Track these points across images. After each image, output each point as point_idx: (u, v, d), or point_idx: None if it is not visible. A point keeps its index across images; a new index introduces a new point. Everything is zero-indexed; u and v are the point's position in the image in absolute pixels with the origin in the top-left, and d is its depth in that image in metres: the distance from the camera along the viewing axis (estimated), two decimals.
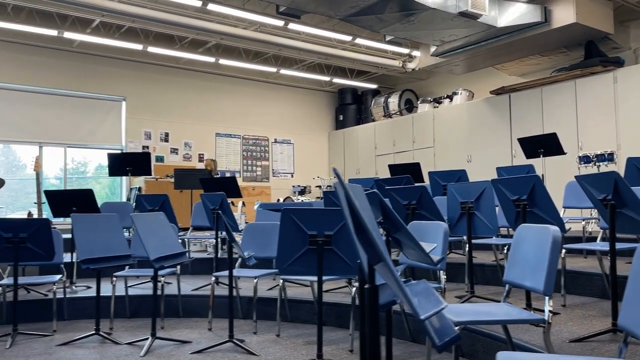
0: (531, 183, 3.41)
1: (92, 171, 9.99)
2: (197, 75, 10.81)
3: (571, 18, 6.91)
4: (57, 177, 9.54)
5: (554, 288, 4.03)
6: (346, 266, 3.11)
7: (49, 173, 9.48)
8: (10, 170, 9.22)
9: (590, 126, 7.49)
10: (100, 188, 10.12)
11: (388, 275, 1.09)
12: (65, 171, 9.59)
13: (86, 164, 9.94)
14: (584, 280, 4.14)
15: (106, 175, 9.84)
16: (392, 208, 2.47)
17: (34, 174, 5.96)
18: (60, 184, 9.54)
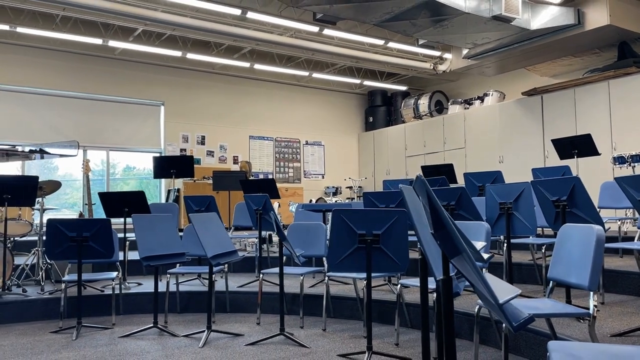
0: (571, 184, 3.55)
1: (120, 173, 10.33)
2: (232, 80, 11.12)
3: (605, 20, 6.96)
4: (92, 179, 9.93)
5: None
6: (393, 264, 3.30)
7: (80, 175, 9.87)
8: (42, 172, 9.62)
9: (624, 127, 7.51)
10: (128, 189, 10.44)
11: (466, 267, 1.28)
12: (108, 174, 9.99)
13: (115, 166, 10.27)
14: (621, 278, 4.24)
15: (134, 176, 10.21)
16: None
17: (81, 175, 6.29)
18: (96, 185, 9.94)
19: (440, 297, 1.43)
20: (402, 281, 3.58)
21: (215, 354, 3.54)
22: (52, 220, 4.20)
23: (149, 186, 10.54)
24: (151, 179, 10.23)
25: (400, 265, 3.28)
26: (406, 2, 6.24)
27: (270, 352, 3.56)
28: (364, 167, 12.27)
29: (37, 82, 9.17)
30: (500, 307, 1.19)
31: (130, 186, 10.43)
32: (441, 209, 1.26)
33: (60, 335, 4.18)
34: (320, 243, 4.68)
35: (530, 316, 1.23)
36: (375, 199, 4.96)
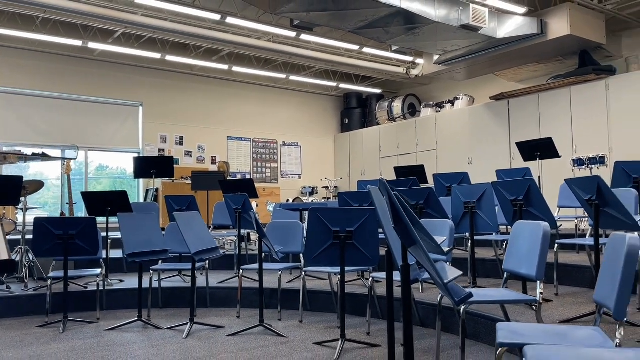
0: (527, 185, 3.89)
1: (92, 172, 10.37)
2: (210, 82, 11.29)
3: (566, 30, 7.39)
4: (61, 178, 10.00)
5: (548, 279, 4.52)
6: (365, 258, 3.58)
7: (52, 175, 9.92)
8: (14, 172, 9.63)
9: (583, 131, 7.97)
10: (102, 188, 10.48)
11: (420, 254, 1.56)
12: (87, 173, 10.07)
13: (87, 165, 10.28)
14: (575, 272, 4.62)
15: (107, 176, 10.31)
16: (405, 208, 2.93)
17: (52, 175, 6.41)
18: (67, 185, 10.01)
19: (402, 283, 1.71)
20: (373, 274, 3.87)
21: (198, 344, 3.78)
22: (39, 219, 4.36)
23: (122, 185, 10.63)
24: (125, 178, 10.35)
25: (372, 260, 3.57)
26: (379, 11, 6.55)
27: (251, 341, 3.81)
28: (340, 168, 12.58)
29: (16, 82, 9.21)
30: (445, 285, 1.46)
31: (103, 185, 10.50)
32: (398, 206, 1.53)
33: (47, 329, 4.35)
34: (297, 240, 4.94)
35: (469, 293, 1.51)
36: (349, 199, 5.24)
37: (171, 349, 3.63)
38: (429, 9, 6.68)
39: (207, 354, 3.49)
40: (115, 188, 10.65)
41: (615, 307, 1.94)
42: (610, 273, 2.12)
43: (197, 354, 3.49)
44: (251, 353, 3.50)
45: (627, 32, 8.43)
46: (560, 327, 2.27)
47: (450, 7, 6.88)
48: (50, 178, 9.81)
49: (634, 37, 8.37)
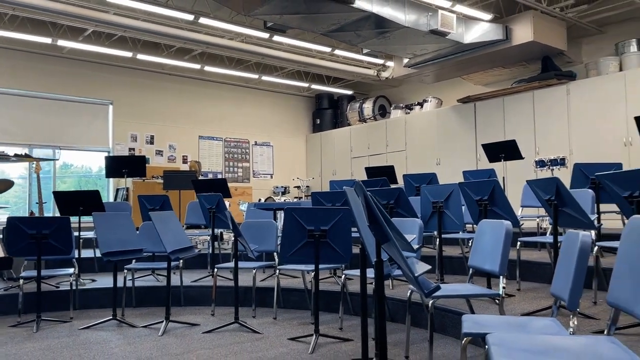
0: (491, 186, 4.09)
1: (57, 170, 10.22)
2: (182, 81, 11.26)
3: (529, 36, 7.69)
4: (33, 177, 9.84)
5: (512, 275, 4.75)
6: (338, 256, 3.71)
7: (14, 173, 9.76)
8: None
9: (545, 133, 8.31)
10: (66, 187, 10.32)
11: (393, 250, 1.70)
12: (55, 172, 9.92)
13: (51, 164, 10.13)
14: (536, 268, 4.86)
15: (71, 175, 10.19)
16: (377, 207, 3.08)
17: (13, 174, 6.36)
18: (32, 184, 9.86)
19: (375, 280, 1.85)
20: (346, 272, 4.01)
21: (174, 341, 3.84)
22: (12, 218, 4.35)
23: (88, 184, 10.50)
24: (90, 176, 10.24)
25: (345, 257, 3.71)
26: (351, 15, 6.70)
27: (226, 338, 3.90)
28: (311, 168, 12.71)
29: None
30: (415, 278, 1.60)
31: (67, 184, 10.35)
32: (373, 205, 1.66)
33: (20, 328, 4.34)
34: (271, 239, 5.05)
35: (437, 285, 1.65)
36: (322, 198, 5.37)
37: (148, 347, 3.69)
38: (399, 14, 6.87)
39: (184, 351, 3.57)
40: (80, 187, 10.50)
41: (569, 298, 2.12)
42: (565, 268, 2.31)
43: (174, 351, 3.56)
44: (228, 349, 3.59)
45: (586, 39, 8.81)
46: (521, 319, 2.45)
47: (420, 12, 7.09)
48: (11, 176, 9.64)
49: (593, 44, 8.76)
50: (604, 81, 7.72)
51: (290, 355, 3.41)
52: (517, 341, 1.79)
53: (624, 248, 1.82)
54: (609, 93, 7.64)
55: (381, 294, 1.86)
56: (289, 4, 6.36)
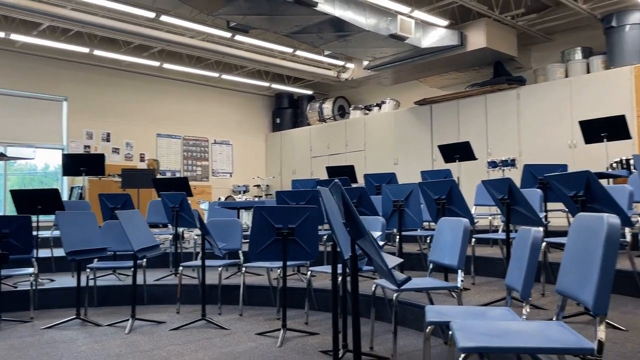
0: (449, 186, 4.32)
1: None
2: (140, 78, 11.10)
3: (483, 43, 8.05)
4: None
5: (467, 270, 5.01)
6: (305, 253, 3.85)
7: None
8: None
9: (497, 135, 8.71)
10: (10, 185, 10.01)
11: (367, 245, 1.85)
12: (6, 170, 9.60)
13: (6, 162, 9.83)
14: (489, 263, 5.14)
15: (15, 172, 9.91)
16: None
17: None
18: None
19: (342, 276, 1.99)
20: (312, 268, 4.14)
21: (142, 338, 3.88)
22: None
23: (32, 182, 10.21)
24: (35, 174, 9.98)
25: (311, 254, 3.84)
26: (314, 18, 6.84)
27: (194, 334, 3.97)
28: (271, 167, 12.78)
29: None
30: (389, 270, 1.75)
31: (11, 182, 10.03)
32: (350, 204, 1.80)
33: None
34: (236, 237, 5.12)
35: (407, 276, 1.81)
36: (286, 197, 5.49)
37: (116, 344, 3.71)
38: (361, 17, 7.06)
39: (153, 347, 3.61)
40: (24, 185, 10.20)
41: (522, 289, 2.33)
42: (518, 261, 2.52)
43: (144, 348, 3.61)
44: (197, 344, 3.66)
45: (535, 46, 9.29)
46: (478, 309, 2.65)
47: (380, 17, 7.31)
48: None
49: (542, 51, 9.24)
50: (551, 87, 8.18)
51: (260, 349, 3.52)
52: (477, 327, 1.97)
53: (571, 242, 2.03)
54: (556, 98, 8.10)
55: (355, 287, 2.01)
56: (252, 5, 6.44)
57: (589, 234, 1.86)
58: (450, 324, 2.02)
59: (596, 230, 1.79)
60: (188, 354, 3.43)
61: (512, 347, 1.73)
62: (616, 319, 3.14)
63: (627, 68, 7.48)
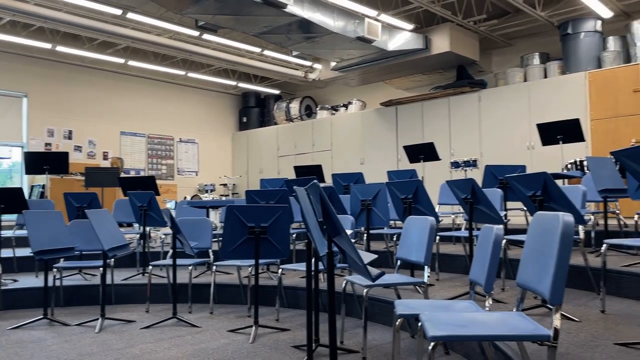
0: (415, 186, 4.48)
1: None
2: (104, 74, 10.92)
3: (446, 47, 8.30)
4: None
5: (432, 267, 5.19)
6: (277, 251, 3.93)
7: None
8: None
9: (459, 137, 8.99)
10: None
11: (344, 242, 1.95)
12: None
13: None
14: (452, 260, 5.34)
15: None
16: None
17: None
18: None
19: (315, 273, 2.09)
20: (284, 266, 4.23)
21: (114, 337, 3.88)
22: None
23: (23, 182, 9.92)
24: None
25: (283, 252, 3.93)
26: (284, 19, 6.91)
27: (166, 332, 4.00)
28: (238, 166, 12.77)
29: None
30: (365, 266, 1.86)
31: None
32: (328, 203, 1.91)
33: None
34: (206, 236, 5.16)
35: (381, 271, 1.93)
36: (256, 196, 5.55)
37: (87, 343, 3.71)
38: (329, 20, 7.18)
39: (125, 345, 3.63)
40: None
41: (485, 283, 2.48)
42: (481, 257, 2.68)
43: (116, 346, 3.62)
44: (169, 342, 3.70)
45: (496, 51, 9.62)
46: (444, 302, 2.80)
47: (348, 20, 7.44)
48: None
49: (502, 56, 9.58)
50: (511, 90, 8.50)
51: (232, 345, 3.59)
52: (444, 318, 2.11)
53: (530, 238, 2.20)
54: (515, 101, 8.43)
55: (331, 282, 2.11)
56: (221, 5, 6.47)
57: (546, 231, 2.02)
58: (420, 315, 2.15)
59: (553, 227, 1.95)
60: (161, 351, 3.46)
61: (477, 335, 1.87)
62: (570, 311, 3.36)
63: (581, 74, 7.86)
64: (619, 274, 3.84)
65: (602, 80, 7.67)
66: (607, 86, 7.62)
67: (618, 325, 2.96)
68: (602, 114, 7.64)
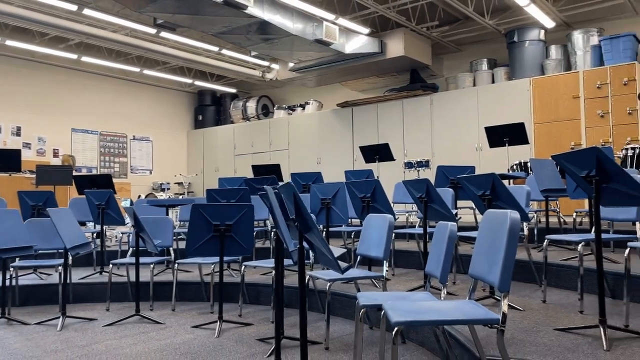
0: (373, 185, 4.69)
1: None
2: (55, 70, 10.64)
3: (401, 51, 8.61)
4: None
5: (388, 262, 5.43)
6: (241, 248, 4.05)
7: None
8: None
9: (412, 138, 9.33)
10: None
11: (314, 237, 2.11)
12: None
13: None
14: (407, 256, 5.60)
15: None
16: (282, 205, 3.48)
17: None
18: None
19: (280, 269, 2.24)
20: (246, 263, 4.35)
21: (77, 334, 3.90)
22: None
23: None
24: None
25: (247, 249, 4.05)
26: (243, 20, 7.00)
27: (130, 329, 4.04)
28: (193, 164, 12.70)
29: None
30: (335, 260, 2.03)
31: None
32: (301, 201, 2.06)
33: None
34: (167, 235, 5.20)
35: (350, 264, 2.10)
36: (217, 195, 5.63)
37: (50, 341, 3.71)
38: (288, 22, 7.32)
39: (89, 342, 3.66)
40: None
41: (441, 275, 2.71)
42: (437, 252, 2.90)
43: (80, 343, 3.64)
44: (134, 338, 3.75)
45: (447, 56, 10.03)
46: (403, 293, 3.01)
47: (307, 22, 7.61)
48: None
49: (453, 60, 9.99)
50: (461, 94, 8.90)
51: (198, 340, 3.69)
52: (405, 306, 2.31)
53: (482, 233, 2.43)
54: (465, 105, 8.83)
55: (302, 276, 2.27)
56: (181, 4, 6.49)
57: (496, 227, 2.25)
58: (383, 304, 2.34)
59: (501, 223, 2.18)
60: (127, 347, 3.52)
61: (436, 320, 2.08)
62: (515, 301, 3.65)
63: (526, 80, 8.33)
64: (558, 267, 4.19)
65: (545, 86, 8.17)
66: (549, 92, 8.13)
67: (557, 313, 3.26)
68: (544, 118, 8.13)
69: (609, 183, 2.65)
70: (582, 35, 8.18)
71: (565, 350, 2.46)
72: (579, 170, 2.81)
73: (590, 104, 7.81)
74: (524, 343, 2.62)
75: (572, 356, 2.38)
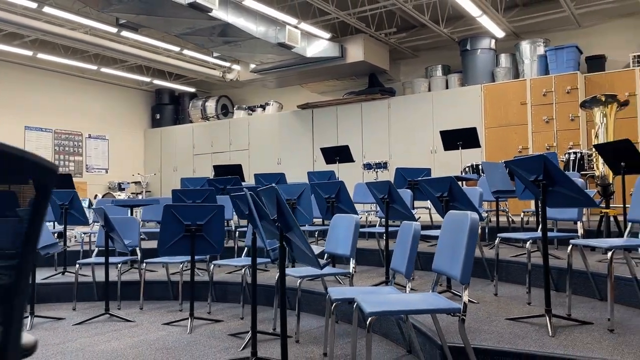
0: (338, 186, 4.92)
1: None
2: (7, 66, 10.33)
3: (360, 56, 8.89)
4: None
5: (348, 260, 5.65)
6: (212, 248, 4.18)
7: None
8: None
9: (371, 140, 9.64)
10: None
11: (295, 236, 2.31)
12: None
13: None
14: (367, 254, 5.87)
15: None
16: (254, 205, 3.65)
17: None
18: None
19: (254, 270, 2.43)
20: (215, 262, 4.48)
21: (47, 333, 3.93)
22: None
23: None
24: None
25: (217, 249, 4.19)
26: (207, 22, 7.09)
27: (100, 327, 4.11)
28: (150, 163, 12.59)
29: None
30: (315, 256, 2.23)
31: None
32: (283, 201, 2.25)
33: None
34: (134, 234, 5.25)
35: (329, 261, 2.31)
36: (182, 195, 5.72)
37: None
38: (251, 25, 7.45)
39: (63, 340, 3.71)
40: None
41: (406, 270, 2.95)
42: (402, 249, 3.15)
43: (53, 341, 3.69)
44: (107, 336, 3.83)
45: (404, 61, 10.40)
46: (370, 288, 3.25)
47: (269, 26, 7.76)
48: None
49: (409, 66, 10.37)
50: (417, 99, 9.28)
51: (171, 336, 3.80)
52: (376, 299, 2.53)
53: (444, 232, 2.68)
54: (420, 109, 9.21)
55: (283, 273, 2.46)
56: (145, 5, 6.52)
57: (457, 227, 2.51)
58: (356, 298, 2.56)
59: (462, 223, 2.44)
60: (102, 344, 3.60)
61: (405, 309, 2.31)
62: (470, 295, 3.95)
63: (477, 86, 8.78)
64: (508, 263, 4.54)
65: (495, 93, 8.64)
66: (498, 98, 8.60)
67: (508, 305, 3.58)
68: (494, 123, 8.61)
69: (554, 187, 2.96)
70: (529, 46, 8.70)
71: (516, 337, 2.75)
72: (528, 174, 3.12)
73: (536, 110, 8.33)
74: (479, 331, 2.90)
75: (522, 342, 2.67)
